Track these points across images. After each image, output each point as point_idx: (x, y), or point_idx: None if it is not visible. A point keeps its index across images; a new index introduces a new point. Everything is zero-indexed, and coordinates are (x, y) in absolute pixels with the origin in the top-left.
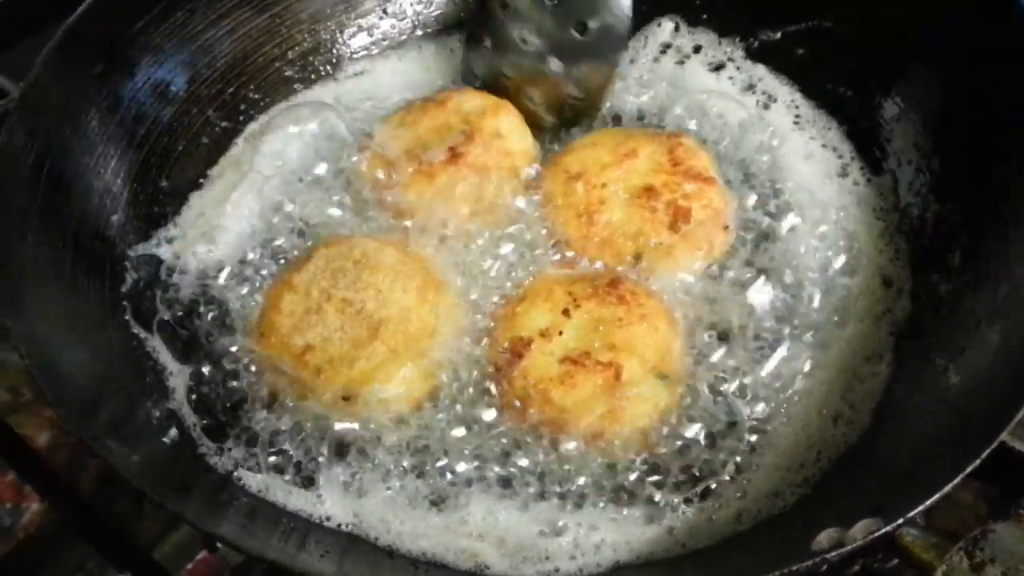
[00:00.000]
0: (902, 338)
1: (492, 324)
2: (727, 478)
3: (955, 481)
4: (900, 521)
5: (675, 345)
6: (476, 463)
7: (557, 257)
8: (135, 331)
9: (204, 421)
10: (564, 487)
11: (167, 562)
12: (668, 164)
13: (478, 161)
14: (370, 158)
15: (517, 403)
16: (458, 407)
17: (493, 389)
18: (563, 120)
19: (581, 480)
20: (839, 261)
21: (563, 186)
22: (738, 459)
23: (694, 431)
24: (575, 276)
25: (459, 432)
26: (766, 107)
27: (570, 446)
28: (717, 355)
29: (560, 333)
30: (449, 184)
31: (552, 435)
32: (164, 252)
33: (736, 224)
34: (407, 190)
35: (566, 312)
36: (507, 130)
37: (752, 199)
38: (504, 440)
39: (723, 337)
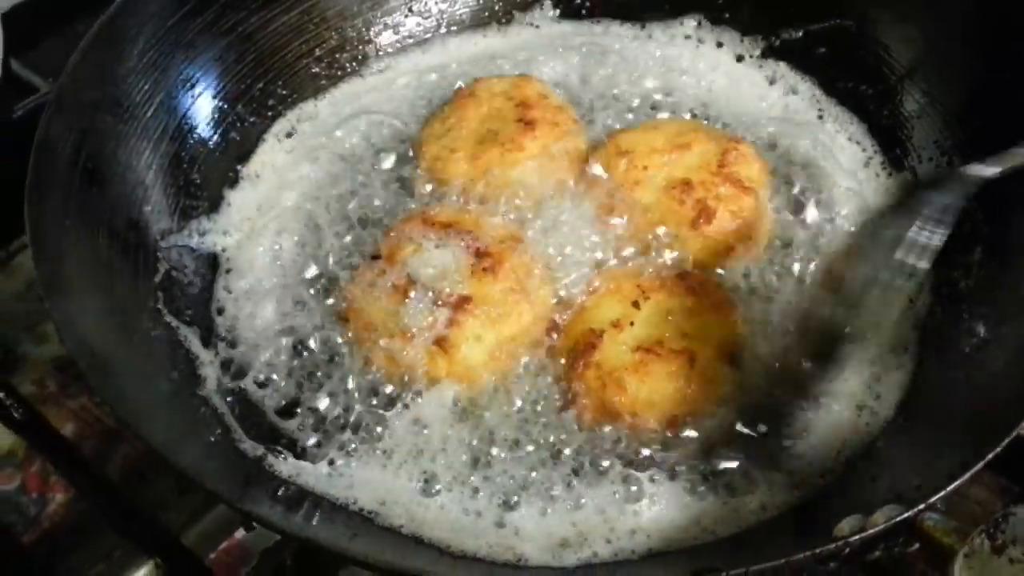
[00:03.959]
0: (925, 331)
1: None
2: (758, 467)
3: (977, 467)
4: (922, 506)
5: (744, 333)
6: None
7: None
8: (167, 320)
9: (235, 409)
10: (598, 472)
11: (196, 547)
12: (715, 164)
13: (547, 122)
14: (432, 160)
15: (592, 395)
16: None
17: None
18: None
19: (617, 467)
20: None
21: (609, 158)
22: (764, 446)
23: (722, 418)
24: (642, 270)
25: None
26: (789, 100)
27: (606, 430)
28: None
29: (631, 324)
30: (542, 149)
31: (628, 424)
32: (196, 243)
33: (768, 235)
34: (502, 171)
35: (636, 304)
36: (546, 91)
37: (781, 185)
38: (563, 436)
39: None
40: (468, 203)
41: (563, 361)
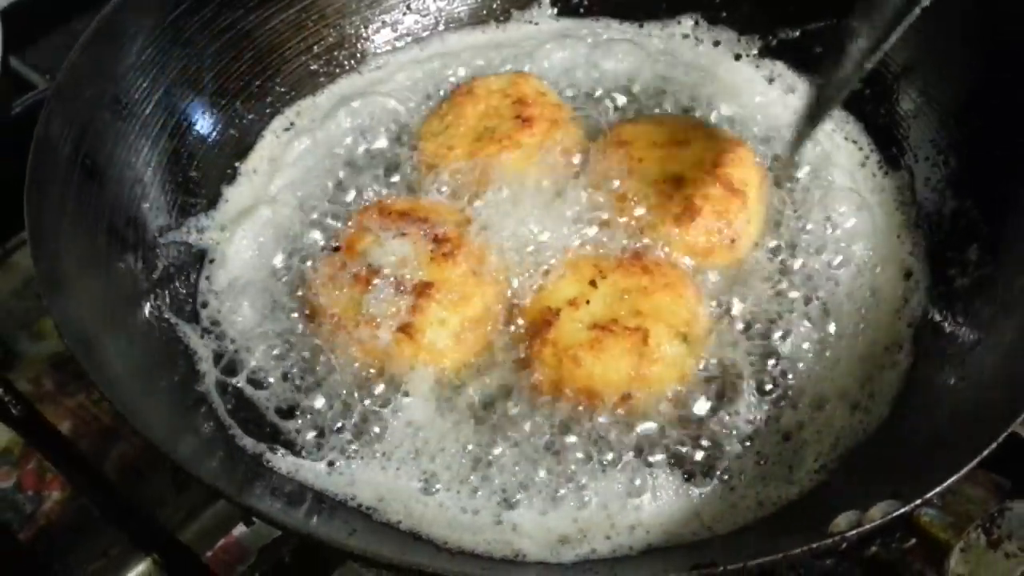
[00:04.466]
0: (920, 329)
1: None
2: (750, 464)
3: (972, 463)
4: (918, 502)
5: (699, 311)
6: (514, 456)
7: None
8: (166, 316)
9: (233, 405)
10: (596, 469)
11: (193, 544)
12: (710, 164)
13: (544, 119)
14: (430, 157)
15: (547, 370)
16: (493, 378)
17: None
18: None
19: (615, 463)
20: (861, 251)
21: (607, 148)
22: (760, 444)
23: (715, 414)
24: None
25: (489, 409)
26: (787, 99)
27: (601, 419)
28: (736, 340)
29: (587, 302)
30: (539, 145)
31: (582, 401)
32: (194, 240)
33: (755, 240)
34: (493, 167)
35: (592, 283)
36: (543, 88)
37: (778, 182)
38: (541, 426)
39: (744, 322)
40: (463, 198)
41: (521, 345)
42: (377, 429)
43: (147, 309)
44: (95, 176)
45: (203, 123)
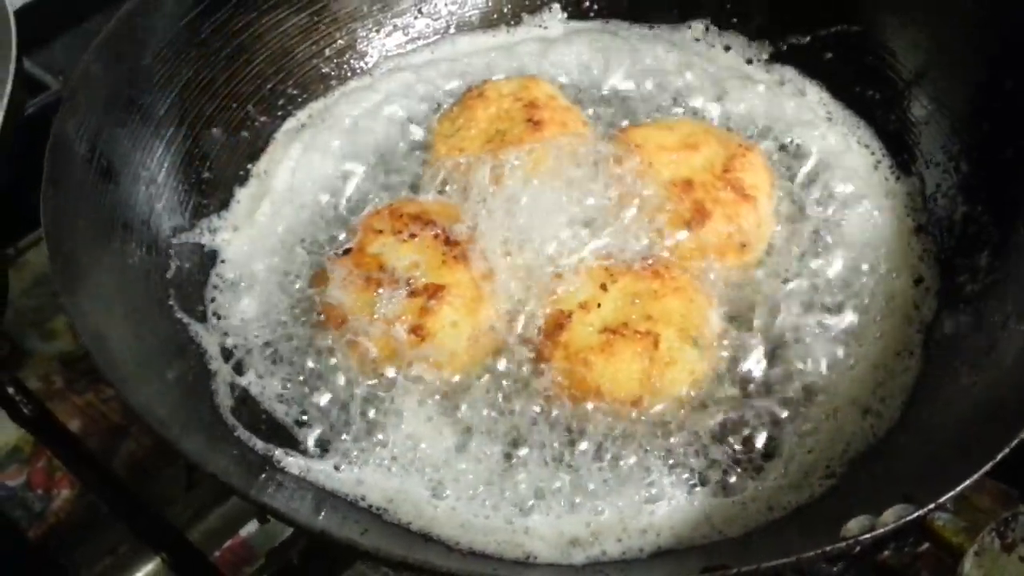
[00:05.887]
0: (931, 335)
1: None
2: (760, 466)
3: (987, 467)
4: (932, 506)
5: (710, 315)
6: (526, 460)
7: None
8: (178, 315)
9: (243, 404)
10: (607, 473)
11: (201, 544)
12: (720, 168)
13: (555, 122)
14: (441, 159)
15: (558, 373)
16: (503, 383)
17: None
18: None
19: (626, 467)
20: (872, 256)
21: (618, 152)
22: (771, 448)
23: (726, 418)
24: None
25: (500, 415)
26: (798, 102)
27: (612, 424)
28: (747, 345)
29: (598, 306)
30: (550, 149)
31: (593, 405)
32: (207, 240)
33: (764, 246)
34: (510, 173)
35: (603, 287)
36: (554, 92)
37: (789, 186)
38: (552, 425)
39: (755, 326)
40: (474, 201)
41: (532, 349)
42: (382, 436)
43: (159, 308)
44: (110, 176)
45: (216, 125)
